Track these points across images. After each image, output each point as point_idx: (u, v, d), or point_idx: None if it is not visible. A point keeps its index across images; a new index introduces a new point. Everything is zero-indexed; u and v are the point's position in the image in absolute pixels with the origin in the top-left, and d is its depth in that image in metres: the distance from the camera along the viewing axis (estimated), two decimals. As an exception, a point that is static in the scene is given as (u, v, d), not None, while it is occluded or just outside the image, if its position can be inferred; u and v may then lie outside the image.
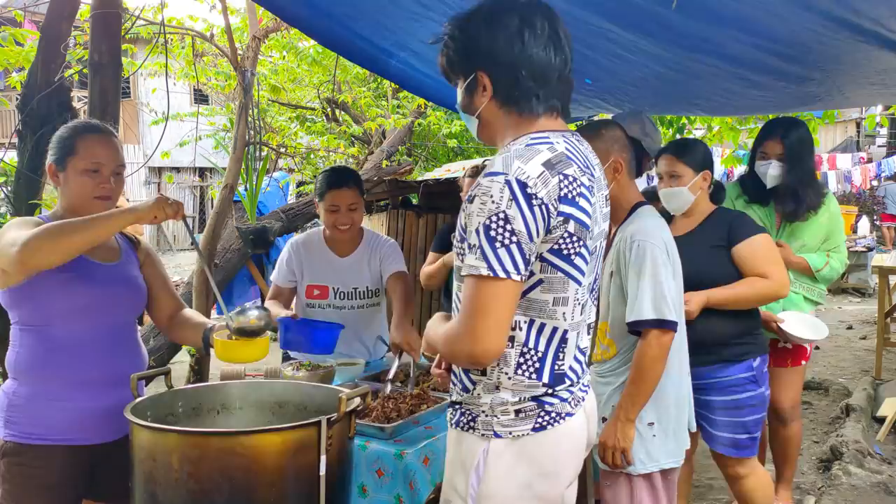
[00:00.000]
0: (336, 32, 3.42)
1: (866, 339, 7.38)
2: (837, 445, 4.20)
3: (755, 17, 2.45)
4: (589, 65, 3.42)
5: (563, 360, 1.62)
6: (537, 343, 1.59)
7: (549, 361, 1.60)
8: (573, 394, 1.65)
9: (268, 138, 6.75)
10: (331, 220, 2.99)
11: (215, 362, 5.32)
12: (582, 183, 1.55)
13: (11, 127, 13.65)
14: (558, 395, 1.62)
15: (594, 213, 1.60)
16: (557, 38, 1.59)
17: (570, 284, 1.58)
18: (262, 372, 2.79)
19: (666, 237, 2.22)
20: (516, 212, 1.46)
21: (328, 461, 1.75)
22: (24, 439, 2.02)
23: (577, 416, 1.65)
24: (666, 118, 6.12)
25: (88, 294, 2.04)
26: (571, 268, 1.57)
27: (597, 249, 1.67)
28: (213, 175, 18.96)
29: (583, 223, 1.56)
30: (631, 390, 2.15)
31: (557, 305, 1.58)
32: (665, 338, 2.13)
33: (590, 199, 1.57)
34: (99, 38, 3.02)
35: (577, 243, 1.55)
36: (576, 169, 1.55)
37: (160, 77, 5.59)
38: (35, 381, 2.04)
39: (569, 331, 1.61)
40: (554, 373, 1.61)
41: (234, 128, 4.83)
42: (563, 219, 1.52)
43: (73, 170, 2.07)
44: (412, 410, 2.29)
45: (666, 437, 2.22)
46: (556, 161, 1.52)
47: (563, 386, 1.62)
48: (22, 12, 5.28)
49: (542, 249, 1.53)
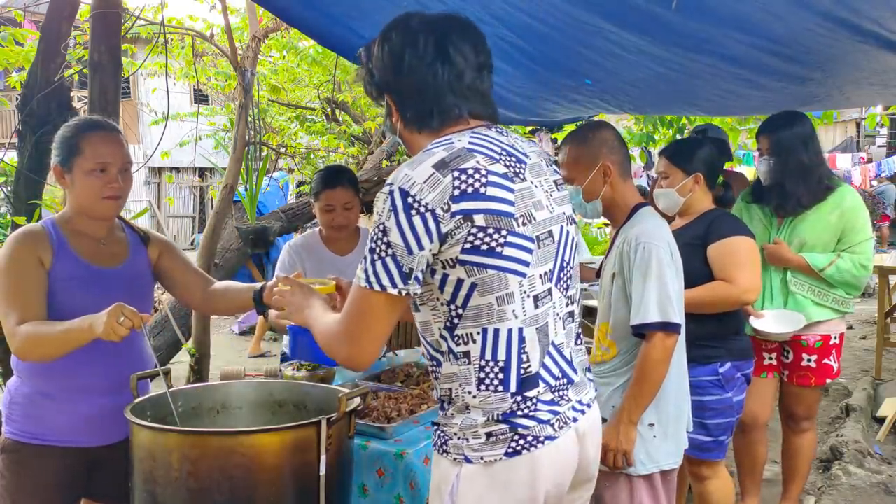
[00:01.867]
0: (336, 32, 3.42)
1: (866, 339, 7.38)
2: (837, 445, 4.20)
3: (755, 18, 2.45)
4: (589, 65, 3.42)
5: (528, 362, 1.52)
6: (495, 352, 1.50)
7: (514, 367, 1.51)
8: (558, 414, 1.55)
9: (268, 138, 6.75)
10: (327, 219, 3.00)
11: (215, 362, 5.32)
12: (491, 171, 1.49)
13: (11, 127, 13.65)
14: (536, 416, 1.52)
15: (523, 200, 1.53)
16: (445, 52, 1.55)
17: (509, 278, 1.49)
18: (262, 372, 2.79)
19: (669, 238, 2.22)
20: (393, 224, 1.43)
21: (328, 461, 1.75)
22: (22, 437, 2.03)
23: (561, 439, 1.54)
24: (666, 118, 6.12)
25: (89, 300, 2.01)
26: (503, 261, 1.48)
27: (552, 235, 1.58)
28: (213, 175, 18.95)
29: (499, 212, 1.47)
30: (634, 392, 2.14)
31: (504, 304, 1.49)
32: (669, 340, 2.12)
33: (509, 187, 1.50)
34: (99, 38, 3.02)
35: (496, 234, 1.46)
36: (480, 160, 1.49)
37: (160, 77, 5.59)
38: (37, 382, 2.05)
39: (524, 328, 1.52)
40: (521, 378, 1.52)
41: (234, 128, 4.83)
42: (462, 217, 1.44)
43: (80, 170, 2.03)
44: (412, 410, 2.29)
45: (666, 437, 2.22)
46: (452, 158, 1.47)
47: (536, 392, 1.52)
48: (22, 12, 5.27)
49: (450, 255, 1.46)
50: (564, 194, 1.70)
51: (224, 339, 8.65)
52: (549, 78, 3.81)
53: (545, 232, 1.57)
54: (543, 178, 1.62)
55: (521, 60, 3.47)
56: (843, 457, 4.05)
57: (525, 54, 3.37)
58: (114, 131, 2.12)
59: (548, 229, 1.58)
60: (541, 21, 2.89)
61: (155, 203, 18.87)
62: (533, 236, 1.53)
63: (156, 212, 18.94)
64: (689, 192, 2.73)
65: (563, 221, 1.64)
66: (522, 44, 3.23)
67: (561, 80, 3.86)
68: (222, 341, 8.36)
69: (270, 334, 8.84)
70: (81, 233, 2.10)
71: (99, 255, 2.12)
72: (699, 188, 2.73)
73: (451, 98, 1.57)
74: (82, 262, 2.07)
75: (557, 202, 1.64)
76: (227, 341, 8.63)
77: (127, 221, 2.28)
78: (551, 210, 1.60)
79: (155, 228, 19.80)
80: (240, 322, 9.28)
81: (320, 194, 2.98)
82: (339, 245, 3.09)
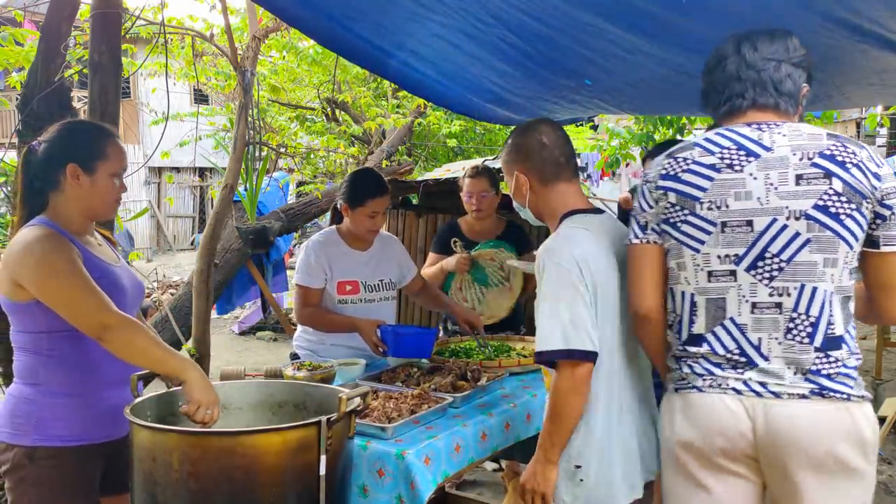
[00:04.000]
0: (336, 32, 3.42)
1: (866, 340, 7.37)
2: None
3: (755, 18, 2.45)
4: (589, 65, 3.42)
5: (695, 324, 1.82)
6: (674, 307, 1.88)
7: (685, 323, 1.85)
8: (714, 376, 1.79)
9: (268, 138, 6.74)
10: (368, 224, 3.12)
11: (215, 362, 5.33)
12: (697, 161, 1.80)
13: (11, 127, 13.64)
14: (693, 367, 1.83)
15: (721, 188, 1.76)
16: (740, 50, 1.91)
17: (683, 251, 1.81)
18: (262, 372, 2.80)
19: (582, 253, 1.92)
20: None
21: (328, 461, 1.75)
22: (60, 442, 2.01)
23: (707, 396, 1.78)
24: (666, 118, 6.12)
25: (116, 295, 2.05)
26: (681, 235, 1.81)
27: (750, 225, 1.75)
28: (213, 175, 18.96)
29: (686, 195, 1.79)
30: (547, 428, 1.95)
31: (681, 270, 1.84)
32: (579, 370, 1.88)
33: (709, 175, 1.78)
34: (99, 38, 3.02)
35: (681, 212, 1.80)
36: (694, 151, 1.82)
37: (160, 77, 5.59)
38: (68, 385, 2.04)
39: (696, 294, 1.82)
40: (690, 333, 1.84)
41: (234, 128, 4.82)
42: (662, 192, 1.83)
43: (105, 174, 2.09)
44: (412, 410, 2.29)
45: (597, 482, 1.96)
46: (677, 149, 1.86)
47: (698, 351, 1.82)
48: (22, 12, 5.27)
49: (656, 221, 1.86)
50: (804, 188, 1.72)
51: (224, 339, 8.66)
52: (548, 78, 3.81)
53: (740, 220, 1.76)
54: (776, 172, 1.74)
55: (520, 60, 3.47)
56: (843, 457, 4.04)
57: (525, 54, 3.38)
58: (119, 139, 2.22)
59: (746, 219, 1.76)
60: (541, 21, 2.89)
61: (155, 203, 18.88)
62: (717, 221, 1.77)
63: (156, 212, 18.95)
64: None
65: (779, 215, 1.74)
66: (522, 44, 3.23)
67: (561, 80, 3.86)
68: (222, 341, 8.37)
69: (270, 334, 8.85)
70: (81, 234, 2.12)
71: (104, 255, 2.17)
72: None
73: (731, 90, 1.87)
74: (99, 261, 2.11)
75: (783, 196, 1.73)
76: (227, 341, 8.64)
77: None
78: (764, 202, 1.74)
79: (155, 228, 19.83)
80: (240, 322, 9.29)
81: (367, 202, 3.07)
82: (359, 242, 3.22)
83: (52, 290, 1.93)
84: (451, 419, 2.32)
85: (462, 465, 2.25)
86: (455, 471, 2.22)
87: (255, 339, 8.86)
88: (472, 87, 4.17)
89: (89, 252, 2.10)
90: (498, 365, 2.82)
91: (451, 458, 2.17)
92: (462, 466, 2.25)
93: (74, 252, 2.00)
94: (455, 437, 2.21)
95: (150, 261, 16.28)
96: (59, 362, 2.03)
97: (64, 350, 2.03)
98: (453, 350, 3.15)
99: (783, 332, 1.74)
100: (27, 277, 1.94)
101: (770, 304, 1.75)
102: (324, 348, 3.14)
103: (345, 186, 3.17)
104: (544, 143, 2.08)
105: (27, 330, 2.04)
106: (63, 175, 2.06)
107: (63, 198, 2.08)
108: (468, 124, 8.84)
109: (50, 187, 2.08)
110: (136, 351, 1.94)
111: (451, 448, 2.18)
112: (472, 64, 3.69)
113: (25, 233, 1.99)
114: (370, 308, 3.16)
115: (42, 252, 1.94)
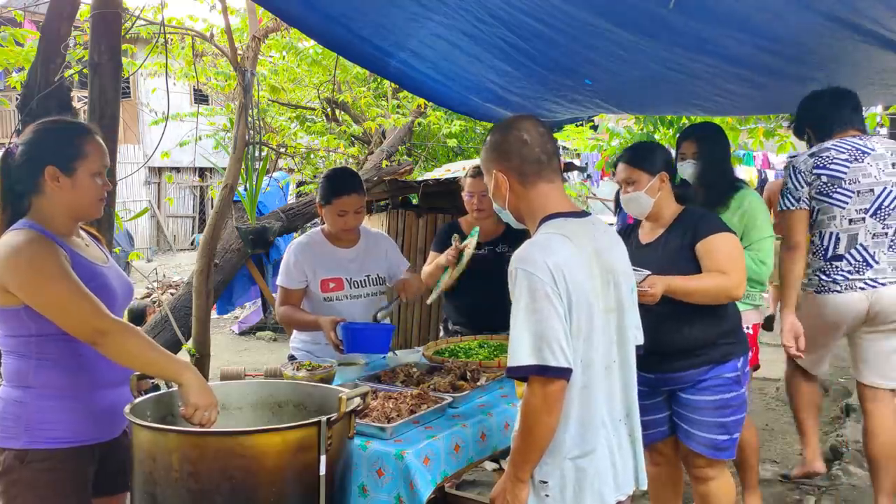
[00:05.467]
0: (336, 32, 3.42)
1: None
2: (837, 445, 4.20)
3: (755, 18, 2.45)
4: (589, 65, 3.43)
5: (837, 248, 3.12)
6: (822, 240, 3.17)
7: (830, 248, 3.14)
8: (848, 280, 3.10)
9: (268, 138, 6.75)
10: (339, 223, 3.12)
11: (215, 362, 5.32)
12: (835, 158, 3.10)
13: (11, 127, 13.64)
14: (833, 276, 3.13)
15: (853, 171, 3.08)
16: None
17: (834, 209, 3.12)
18: (262, 372, 2.80)
19: (556, 262, 1.80)
20: (790, 178, 3.20)
21: (328, 461, 1.75)
22: (52, 444, 1.99)
23: (845, 294, 3.11)
24: (666, 118, 6.12)
25: (103, 298, 2.01)
26: (831, 199, 3.11)
27: (872, 191, 3.08)
28: (213, 175, 18.95)
29: (834, 176, 3.09)
30: (518, 445, 1.87)
31: (830, 220, 3.13)
32: (551, 386, 1.78)
33: (846, 164, 3.09)
34: (99, 38, 3.02)
35: (832, 186, 3.10)
36: (832, 151, 3.11)
37: (160, 77, 5.59)
38: (59, 387, 2.01)
39: (839, 232, 3.11)
40: (832, 254, 3.13)
41: (234, 128, 4.82)
42: (815, 175, 3.12)
43: (86, 173, 2.03)
44: (412, 410, 2.29)
45: (563, 501, 1.89)
46: (817, 151, 3.14)
47: (839, 265, 3.11)
48: (22, 12, 5.28)
49: (811, 191, 3.14)
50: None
51: (224, 339, 8.66)
52: (549, 78, 3.81)
53: (866, 189, 3.08)
54: (883, 161, 3.10)
55: (521, 60, 3.47)
56: (843, 457, 4.06)
57: (525, 54, 3.38)
58: (99, 135, 2.15)
59: (870, 188, 3.08)
60: (541, 21, 2.89)
61: (155, 203, 18.88)
62: (854, 191, 3.08)
63: (156, 212, 18.95)
64: (657, 192, 2.70)
65: (888, 185, 3.08)
66: (522, 44, 3.24)
67: (561, 80, 3.86)
68: (222, 341, 8.37)
69: (270, 334, 8.85)
70: (66, 235, 2.07)
71: (92, 255, 2.12)
72: (666, 187, 2.74)
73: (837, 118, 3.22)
74: (88, 262, 2.07)
75: (888, 175, 3.08)
76: (227, 341, 8.64)
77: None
78: (878, 178, 3.08)
79: (155, 228, 19.77)
80: (240, 322, 9.29)
81: (333, 200, 3.07)
82: (343, 241, 3.22)
83: (43, 296, 1.90)
84: (450, 419, 2.32)
85: (461, 465, 2.24)
86: (454, 471, 2.22)
87: (255, 339, 8.86)
88: (472, 87, 4.18)
89: (77, 253, 2.05)
90: (497, 365, 2.81)
91: (450, 458, 2.17)
92: (461, 466, 2.25)
93: (62, 255, 1.95)
94: (454, 437, 2.20)
95: (150, 261, 16.27)
96: (49, 365, 2.00)
97: (54, 353, 2.00)
98: (453, 350, 3.15)
99: (887, 246, 3.09)
100: (15, 283, 1.90)
101: (882, 233, 3.09)
102: (319, 348, 3.13)
103: (319, 184, 3.20)
104: (525, 140, 1.95)
105: (15, 334, 1.99)
106: (42, 178, 1.99)
107: (45, 200, 2.02)
108: (468, 124, 8.83)
109: (31, 190, 2.01)
110: (132, 355, 1.93)
111: (451, 448, 2.18)
112: (472, 64, 3.69)
113: (10, 237, 1.93)
114: (357, 304, 3.16)
115: (29, 256, 1.89)
